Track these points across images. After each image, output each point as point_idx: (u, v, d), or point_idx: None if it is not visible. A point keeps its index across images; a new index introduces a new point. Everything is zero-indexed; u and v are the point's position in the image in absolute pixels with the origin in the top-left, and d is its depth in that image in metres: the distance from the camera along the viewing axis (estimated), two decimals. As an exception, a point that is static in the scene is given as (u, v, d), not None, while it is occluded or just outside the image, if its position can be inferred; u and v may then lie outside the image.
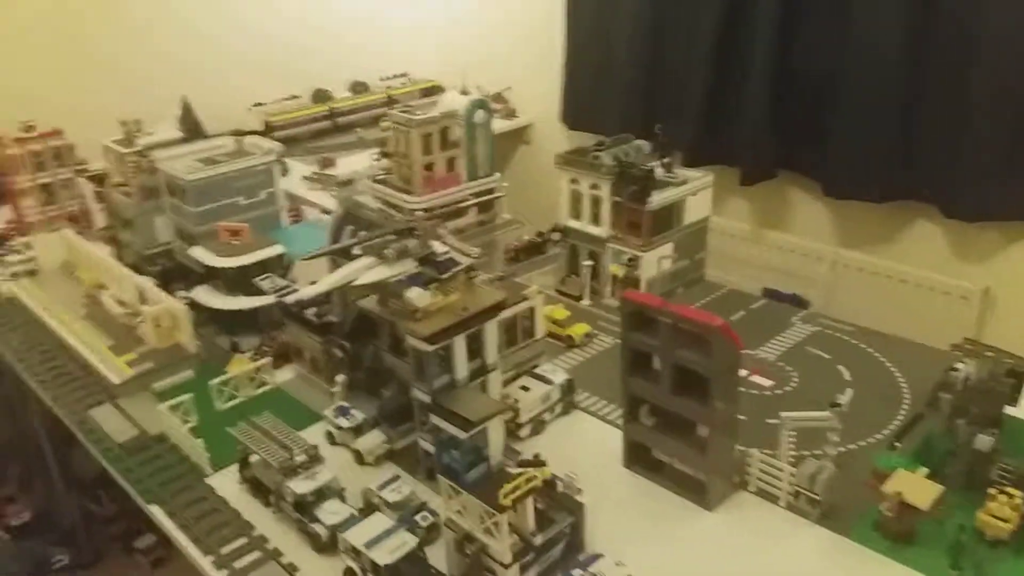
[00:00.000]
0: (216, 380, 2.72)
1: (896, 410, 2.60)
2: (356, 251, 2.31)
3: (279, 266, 3.07)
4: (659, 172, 3.37)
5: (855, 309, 4.45)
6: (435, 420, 1.97)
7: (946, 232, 4.21)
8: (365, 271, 2.15)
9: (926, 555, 2.01)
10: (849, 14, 4.13)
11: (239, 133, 3.88)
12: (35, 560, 3.74)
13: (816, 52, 4.35)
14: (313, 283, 2.33)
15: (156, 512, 2.30)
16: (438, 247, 2.28)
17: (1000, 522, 1.99)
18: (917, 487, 2.02)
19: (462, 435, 1.87)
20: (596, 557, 2.01)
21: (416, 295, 2.14)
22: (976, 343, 2.81)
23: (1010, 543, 2.00)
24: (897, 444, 2.37)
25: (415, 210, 3.38)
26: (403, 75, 6.46)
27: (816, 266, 4.71)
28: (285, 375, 2.91)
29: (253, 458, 2.33)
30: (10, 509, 4.12)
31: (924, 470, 2.10)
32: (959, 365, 2.50)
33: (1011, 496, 2.00)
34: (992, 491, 2.03)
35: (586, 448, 2.52)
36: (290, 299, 2.15)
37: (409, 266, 2.21)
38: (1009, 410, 2.35)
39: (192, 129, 3.69)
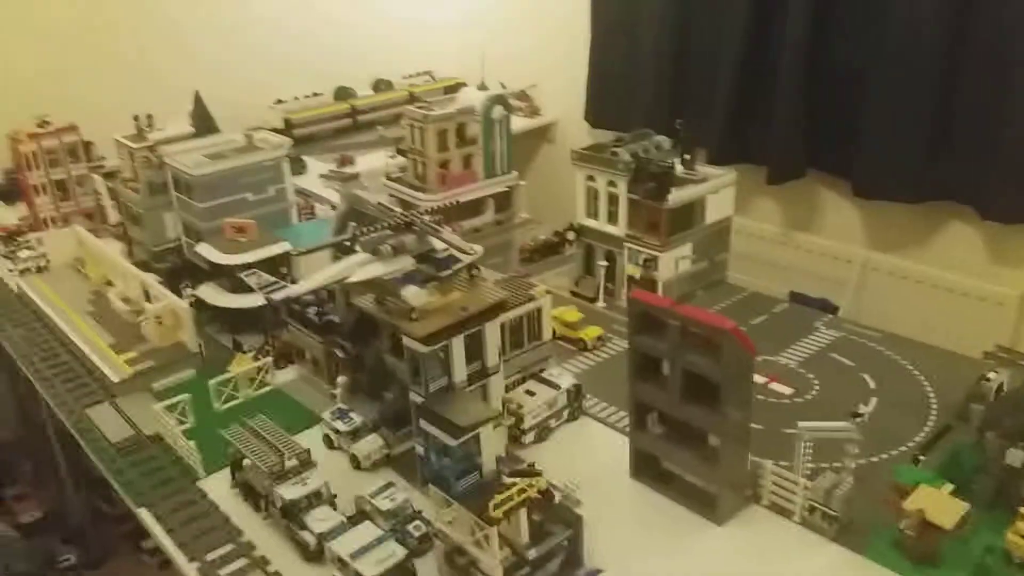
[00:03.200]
0: (215, 380, 2.65)
1: (923, 422, 2.45)
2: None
3: (285, 264, 3.00)
4: (679, 169, 3.26)
5: (885, 314, 4.28)
6: (425, 425, 1.88)
7: (982, 235, 4.02)
8: (358, 268, 2.07)
9: (951, 578, 1.87)
10: (883, 9, 3.97)
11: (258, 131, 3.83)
12: (44, 558, 3.72)
13: (848, 48, 4.19)
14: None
15: (144, 515, 2.24)
16: (437, 244, 2.19)
17: (1032, 544, 1.85)
18: (941, 504, 1.88)
19: (452, 442, 1.78)
20: (596, 572, 1.90)
21: (412, 294, 2.05)
22: (1011, 351, 2.65)
23: (1042, 567, 1.85)
24: (922, 457, 2.23)
25: (429, 208, 3.29)
26: (426, 73, 6.40)
27: (845, 270, 4.54)
28: (287, 376, 2.85)
29: (245, 462, 2.25)
30: (22, 506, 4.11)
31: (949, 486, 1.96)
32: (991, 374, 2.36)
33: (1044, 516, 1.85)
34: (1023, 509, 1.88)
35: (592, 457, 2.41)
36: (277, 296, 2.07)
37: (406, 263, 2.12)
38: (1045, 423, 2.19)
39: (204, 124, 3.64)
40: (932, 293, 4.21)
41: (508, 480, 1.80)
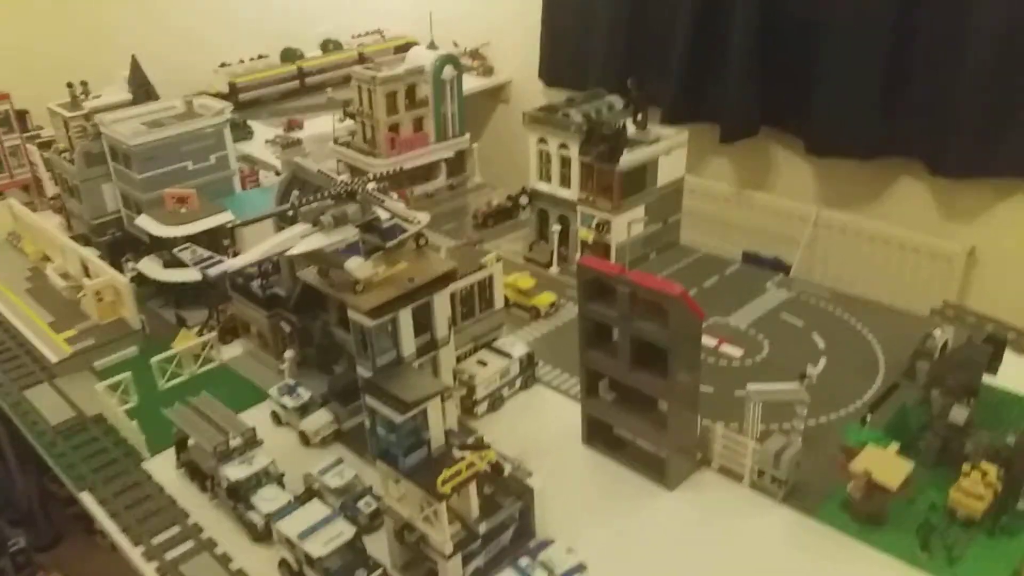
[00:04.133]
0: (157, 358, 2.57)
1: (871, 381, 2.47)
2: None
3: (227, 234, 2.92)
4: (631, 130, 3.21)
5: (836, 272, 4.34)
6: (370, 401, 1.84)
7: (931, 190, 4.06)
8: (300, 239, 2.00)
9: (896, 536, 1.90)
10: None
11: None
12: (-8, 542, 3.64)
13: (801, 6, 4.15)
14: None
15: (87, 499, 2.18)
16: (382, 213, 2.13)
17: (973, 500, 1.87)
18: (886, 465, 1.89)
19: (398, 418, 1.74)
20: (547, 543, 1.89)
21: (356, 265, 1.99)
22: (958, 307, 2.69)
23: (983, 523, 1.88)
24: (869, 416, 2.25)
25: (379, 173, 3.22)
26: (376, 32, 6.24)
27: (798, 227, 4.56)
28: (233, 351, 2.78)
29: (190, 441, 2.20)
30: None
31: (895, 445, 1.98)
32: (936, 332, 2.38)
33: (985, 472, 1.88)
34: (966, 467, 1.91)
35: (546, 425, 2.40)
36: (214, 271, 2.00)
37: (349, 233, 2.05)
38: (989, 380, 2.23)
39: (142, 90, 3.49)
40: (883, 249, 4.26)
41: (457, 454, 1.77)
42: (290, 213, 2.23)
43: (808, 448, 2.08)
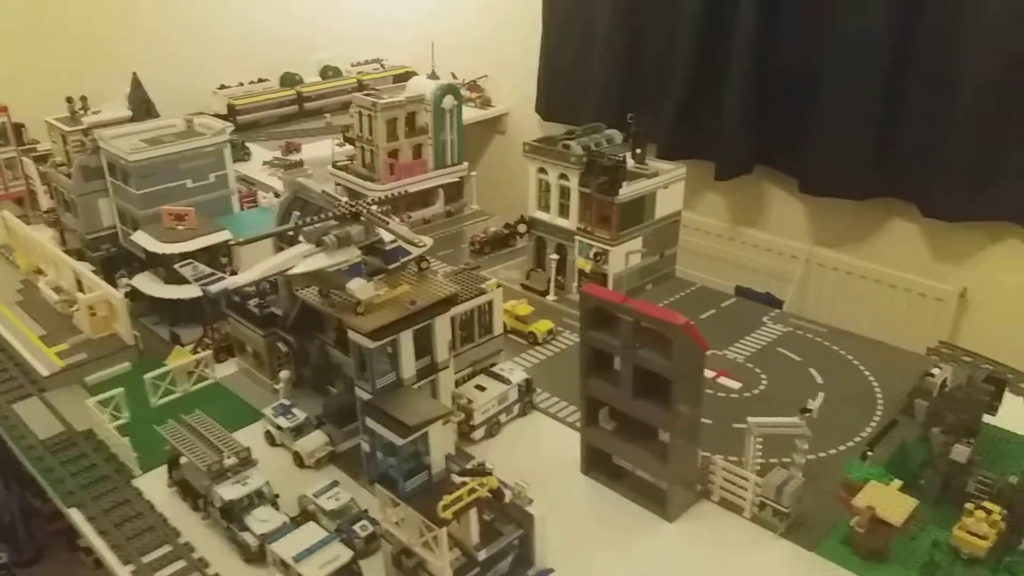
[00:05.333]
0: (151, 374, 2.54)
1: (869, 416, 2.47)
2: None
3: (225, 253, 2.90)
4: (630, 163, 3.23)
5: (829, 309, 4.36)
6: (371, 423, 1.82)
7: (924, 232, 4.11)
8: (302, 259, 1.99)
9: (898, 573, 1.88)
10: (833, 8, 4.01)
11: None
12: (-29, 558, 3.55)
13: (797, 46, 4.23)
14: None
15: (75, 516, 2.13)
16: (385, 235, 2.13)
17: (976, 539, 1.87)
18: (890, 501, 1.88)
19: (399, 441, 1.72)
20: (547, 572, 1.86)
21: (358, 287, 1.98)
22: (954, 347, 2.71)
23: (986, 561, 1.87)
24: (870, 453, 2.24)
25: (381, 196, 3.22)
26: (376, 61, 6.29)
27: (791, 265, 4.60)
28: (227, 369, 2.75)
29: (183, 459, 2.16)
30: (-53, 504, 3.91)
31: (898, 482, 1.97)
32: (935, 370, 2.39)
33: (988, 511, 1.88)
34: (969, 506, 1.91)
35: (543, 453, 2.38)
36: (215, 288, 1.98)
37: (352, 255, 2.05)
38: (987, 419, 2.23)
39: (142, 107, 3.49)
40: (875, 288, 4.29)
41: (458, 479, 1.75)
42: (291, 233, 2.22)
43: (808, 482, 2.06)
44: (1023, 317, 3.80)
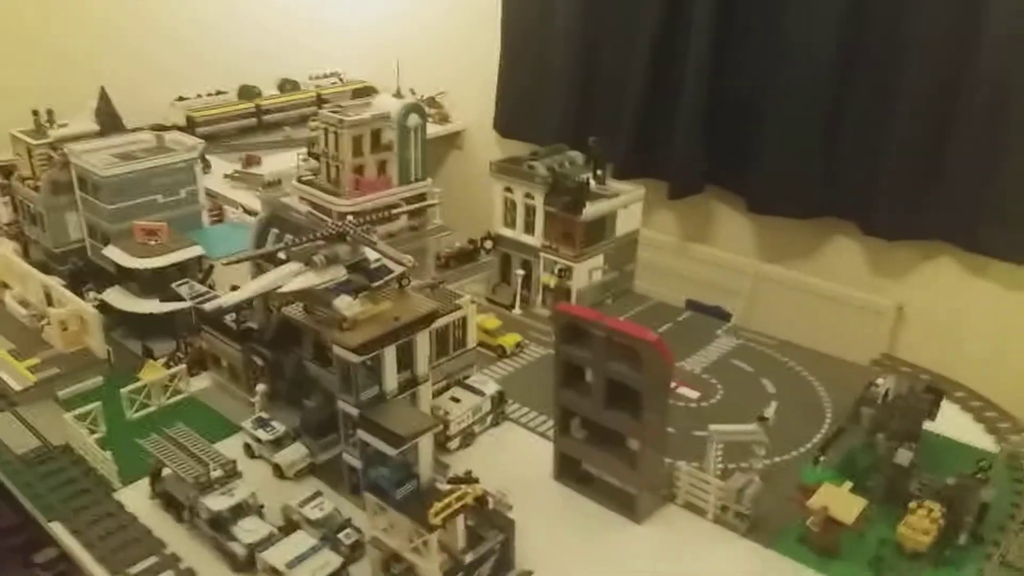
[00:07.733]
0: (127, 388, 2.57)
1: (819, 424, 2.65)
2: (282, 256, 2.23)
3: (197, 268, 2.94)
4: (592, 184, 3.38)
5: (775, 322, 4.53)
6: (362, 435, 1.90)
7: (864, 249, 4.34)
8: (291, 277, 2.07)
9: (850, 568, 2.04)
10: (780, 36, 4.21)
11: (160, 128, 3.72)
12: (-78, 576, 3.47)
13: (746, 74, 4.43)
14: (235, 288, 2.22)
15: (58, 530, 2.15)
16: (370, 254, 2.22)
17: (919, 535, 2.04)
18: (842, 501, 2.05)
19: (391, 451, 1.81)
20: (528, 574, 1.97)
21: (345, 304, 2.06)
22: (894, 359, 2.90)
23: (928, 555, 2.04)
24: (822, 458, 2.41)
25: (343, 213, 3.29)
26: (334, 74, 6.33)
27: (739, 279, 4.79)
28: (201, 383, 2.79)
29: (165, 471, 2.20)
30: None
31: (848, 484, 2.14)
32: (879, 380, 2.56)
33: (930, 510, 2.05)
34: (912, 505, 2.08)
35: (516, 461, 2.48)
36: (210, 306, 2.04)
37: (338, 273, 2.13)
38: (927, 425, 2.41)
39: (110, 121, 3.51)
40: (818, 302, 4.51)
41: (446, 487, 1.84)
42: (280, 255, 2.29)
43: (764, 485, 2.21)
44: (955, 330, 4.04)
